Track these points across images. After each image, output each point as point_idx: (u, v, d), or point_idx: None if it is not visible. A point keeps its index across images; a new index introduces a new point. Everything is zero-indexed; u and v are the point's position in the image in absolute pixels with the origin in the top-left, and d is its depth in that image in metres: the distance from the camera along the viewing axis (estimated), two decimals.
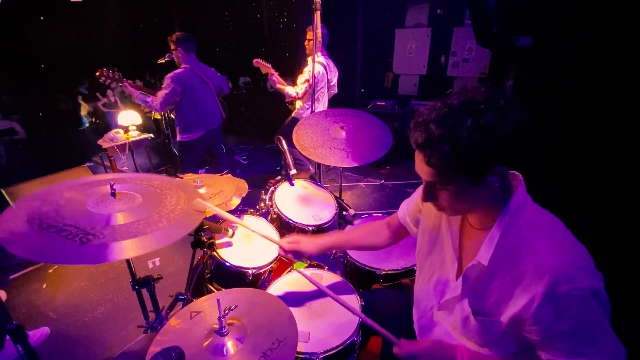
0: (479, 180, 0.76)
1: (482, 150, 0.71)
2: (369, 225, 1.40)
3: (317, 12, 2.12)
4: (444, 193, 0.82)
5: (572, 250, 0.76)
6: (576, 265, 0.72)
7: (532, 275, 0.75)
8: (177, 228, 1.05)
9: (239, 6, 5.71)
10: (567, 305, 0.71)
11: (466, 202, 0.83)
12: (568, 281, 0.70)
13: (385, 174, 4.59)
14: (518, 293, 0.77)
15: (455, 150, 0.72)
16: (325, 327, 1.25)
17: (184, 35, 3.02)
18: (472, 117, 0.70)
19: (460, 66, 4.85)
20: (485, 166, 0.74)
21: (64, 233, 0.93)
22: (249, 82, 6.38)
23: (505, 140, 0.71)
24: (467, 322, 0.90)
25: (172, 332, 1.03)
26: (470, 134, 0.70)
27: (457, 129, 0.71)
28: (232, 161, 5.29)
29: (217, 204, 1.60)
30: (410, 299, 1.17)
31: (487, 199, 0.82)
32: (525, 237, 0.79)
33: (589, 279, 0.71)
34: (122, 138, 3.62)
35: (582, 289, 0.70)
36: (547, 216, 0.83)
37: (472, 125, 0.70)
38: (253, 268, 1.54)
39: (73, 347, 2.14)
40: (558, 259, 0.73)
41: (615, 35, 1.69)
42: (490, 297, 0.84)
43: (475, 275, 0.88)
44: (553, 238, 0.77)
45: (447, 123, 0.72)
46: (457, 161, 0.73)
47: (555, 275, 0.71)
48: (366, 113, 2.04)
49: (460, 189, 0.79)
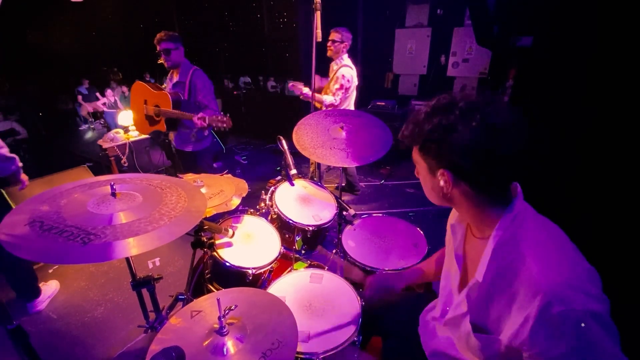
0: (432, 171, 0.84)
1: (429, 141, 0.80)
2: (435, 254, 1.37)
3: (317, 12, 2.12)
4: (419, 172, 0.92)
5: (569, 270, 0.72)
6: (571, 286, 0.68)
7: (525, 295, 0.72)
8: (179, 225, 1.05)
9: (239, 6, 5.71)
10: (562, 327, 0.67)
11: (427, 187, 0.91)
12: (561, 303, 0.67)
13: (385, 174, 4.59)
14: (514, 312, 0.75)
15: (415, 130, 0.83)
16: (325, 327, 1.25)
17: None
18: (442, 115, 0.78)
19: (460, 66, 4.85)
20: (432, 158, 0.82)
21: (66, 234, 0.94)
22: (249, 82, 6.38)
23: (450, 145, 0.76)
24: (469, 338, 0.88)
25: (173, 332, 1.03)
26: (427, 123, 0.80)
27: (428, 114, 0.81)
28: (232, 161, 5.30)
29: (217, 204, 1.61)
30: (411, 300, 1.17)
31: (445, 196, 0.86)
32: (522, 252, 0.76)
33: (585, 301, 0.67)
34: (122, 138, 3.63)
35: (577, 311, 0.66)
36: (549, 231, 0.80)
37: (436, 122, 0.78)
38: (253, 268, 1.54)
39: (73, 347, 2.14)
40: (551, 279, 0.69)
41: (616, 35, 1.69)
42: (492, 313, 0.82)
43: (476, 292, 0.86)
44: (550, 256, 0.74)
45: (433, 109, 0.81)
46: (411, 137, 0.85)
47: (548, 296, 0.68)
48: (366, 113, 2.04)
49: (423, 172, 0.88)
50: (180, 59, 2.81)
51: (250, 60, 6.05)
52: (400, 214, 3.52)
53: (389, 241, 1.74)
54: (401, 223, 1.87)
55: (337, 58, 3.28)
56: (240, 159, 5.37)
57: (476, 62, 4.69)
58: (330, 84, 3.29)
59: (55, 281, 2.64)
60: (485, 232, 0.87)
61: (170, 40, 2.72)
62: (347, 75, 3.17)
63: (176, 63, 2.80)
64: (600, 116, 1.78)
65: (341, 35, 3.20)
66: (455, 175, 0.79)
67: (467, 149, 0.75)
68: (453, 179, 0.80)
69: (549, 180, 1.89)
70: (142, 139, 3.77)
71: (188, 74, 2.80)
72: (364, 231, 1.82)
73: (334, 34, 3.21)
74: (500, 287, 0.79)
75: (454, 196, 0.85)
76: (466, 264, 0.96)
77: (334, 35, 3.21)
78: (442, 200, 0.89)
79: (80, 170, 3.41)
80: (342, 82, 3.15)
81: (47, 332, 2.25)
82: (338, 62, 3.27)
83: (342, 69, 3.19)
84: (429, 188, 0.91)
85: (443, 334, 1.03)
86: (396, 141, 1.96)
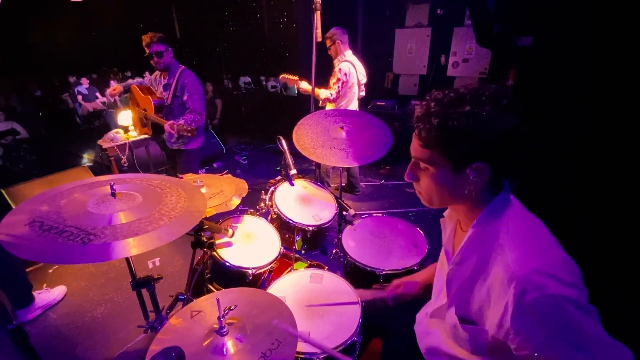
0: (459, 169, 0.77)
1: (467, 137, 0.73)
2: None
3: (317, 12, 2.12)
4: (425, 174, 0.84)
5: (544, 258, 0.72)
6: (545, 273, 0.69)
7: (501, 283, 0.73)
8: (179, 225, 1.05)
9: (239, 6, 5.71)
10: (540, 313, 0.68)
11: (441, 190, 0.84)
12: (536, 289, 0.67)
13: (385, 174, 4.59)
14: (493, 301, 0.76)
15: (442, 125, 0.74)
16: (325, 327, 1.25)
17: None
18: (471, 105, 0.73)
19: (460, 66, 4.85)
20: (466, 154, 0.76)
21: (66, 234, 0.94)
22: (249, 82, 6.38)
23: (493, 136, 0.73)
24: (457, 330, 0.89)
25: (173, 332, 1.03)
26: (460, 116, 0.73)
27: (450, 109, 0.74)
28: (232, 161, 5.30)
29: (217, 204, 1.61)
30: (412, 300, 1.17)
31: (461, 194, 0.81)
32: (500, 243, 0.76)
33: (559, 287, 0.67)
34: (122, 138, 3.62)
35: (552, 296, 0.67)
36: (529, 222, 0.80)
37: (467, 111, 0.73)
38: (253, 268, 1.54)
39: (73, 347, 2.14)
40: (525, 266, 0.70)
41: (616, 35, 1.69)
42: (473, 303, 0.83)
43: (458, 281, 0.87)
44: (526, 245, 0.74)
45: (445, 103, 0.76)
46: (441, 137, 0.76)
47: (521, 283, 0.69)
48: (366, 113, 2.04)
49: (440, 174, 0.81)
50: (170, 60, 2.82)
51: (250, 60, 6.06)
52: (400, 214, 3.52)
53: (389, 241, 1.74)
54: (401, 223, 1.87)
55: (337, 56, 3.32)
56: (240, 159, 5.37)
57: (476, 62, 4.69)
58: (330, 80, 3.33)
59: (61, 287, 2.57)
60: (469, 225, 0.87)
61: (160, 42, 2.71)
62: (344, 69, 3.19)
63: (168, 65, 2.80)
64: (600, 116, 1.78)
65: (331, 36, 3.26)
66: (491, 166, 0.76)
67: (508, 138, 0.73)
68: (490, 171, 0.77)
69: (549, 180, 1.89)
70: (142, 139, 3.76)
71: (175, 75, 2.81)
72: (364, 231, 1.82)
73: (326, 38, 3.27)
74: (480, 278, 0.80)
75: (472, 192, 0.81)
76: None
77: (327, 40, 3.28)
78: (454, 200, 0.86)
79: (80, 170, 3.41)
80: (338, 76, 3.18)
81: (46, 332, 2.25)
82: (339, 58, 3.31)
83: (340, 64, 3.23)
84: (441, 189, 0.84)
85: (432, 328, 1.04)
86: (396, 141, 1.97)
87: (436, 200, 0.88)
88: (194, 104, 2.79)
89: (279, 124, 5.77)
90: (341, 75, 3.18)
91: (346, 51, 3.30)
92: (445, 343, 0.98)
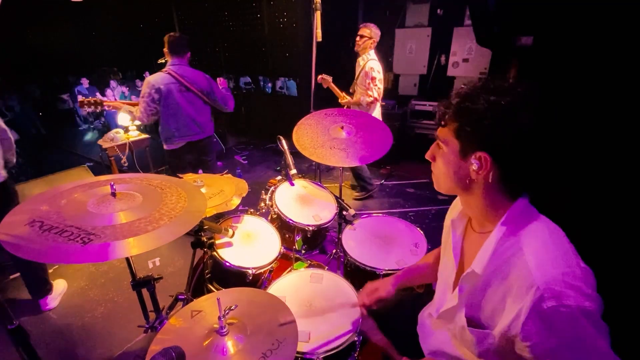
0: (465, 154, 0.79)
1: (477, 120, 0.75)
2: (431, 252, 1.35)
3: (317, 12, 2.12)
4: (439, 154, 0.87)
5: (565, 267, 0.71)
6: (565, 283, 0.68)
7: (519, 288, 0.72)
8: (179, 225, 1.05)
9: (239, 6, 5.71)
10: (554, 322, 0.67)
11: (447, 172, 0.86)
12: (554, 298, 0.67)
13: (385, 174, 4.59)
14: (508, 305, 0.75)
15: (459, 103, 0.78)
16: (325, 327, 1.25)
17: (172, 37, 2.71)
18: (494, 94, 0.74)
19: (460, 66, 4.84)
20: (473, 138, 0.77)
21: (66, 234, 0.94)
22: (249, 82, 6.38)
23: (502, 128, 0.73)
24: (464, 332, 0.88)
25: (173, 331, 1.03)
26: (477, 99, 0.75)
27: (473, 92, 0.77)
28: (232, 161, 5.30)
29: (217, 204, 1.61)
30: (411, 300, 1.17)
31: (463, 182, 0.83)
32: (521, 248, 0.76)
33: (578, 298, 0.67)
34: (122, 138, 3.62)
35: (569, 306, 0.66)
36: (550, 230, 0.79)
37: (486, 97, 0.74)
38: (253, 268, 1.54)
39: (73, 347, 2.14)
40: (546, 274, 0.70)
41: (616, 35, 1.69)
42: (486, 307, 0.82)
43: (470, 284, 0.86)
44: (547, 252, 0.74)
45: (472, 86, 0.79)
46: (455, 114, 0.79)
47: (541, 290, 0.68)
48: (366, 113, 2.04)
49: (449, 155, 0.83)
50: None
51: (250, 60, 6.05)
52: (400, 214, 3.53)
53: (389, 241, 1.74)
54: (401, 223, 1.87)
55: (363, 53, 3.28)
56: (240, 159, 5.37)
57: (476, 62, 4.68)
58: (358, 80, 3.31)
59: (62, 280, 2.64)
60: (486, 227, 0.86)
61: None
62: (376, 67, 3.20)
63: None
64: (600, 116, 1.78)
65: (370, 31, 3.21)
66: (494, 159, 0.76)
67: (522, 133, 0.73)
68: (491, 163, 0.77)
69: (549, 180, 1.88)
70: (142, 138, 3.76)
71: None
72: (364, 231, 1.82)
73: (363, 29, 3.22)
74: (496, 282, 0.79)
75: (474, 184, 0.82)
76: (463, 259, 0.95)
77: (363, 31, 3.22)
78: (457, 187, 0.86)
79: (80, 170, 3.41)
80: (373, 75, 3.17)
81: (47, 332, 2.25)
82: (365, 57, 3.27)
83: (369, 62, 3.21)
84: (448, 171, 0.85)
85: (438, 329, 1.03)
86: (396, 141, 1.97)
87: (442, 183, 0.89)
88: (140, 100, 2.79)
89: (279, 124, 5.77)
90: (375, 74, 3.19)
91: (372, 50, 3.29)
92: (450, 345, 0.97)
